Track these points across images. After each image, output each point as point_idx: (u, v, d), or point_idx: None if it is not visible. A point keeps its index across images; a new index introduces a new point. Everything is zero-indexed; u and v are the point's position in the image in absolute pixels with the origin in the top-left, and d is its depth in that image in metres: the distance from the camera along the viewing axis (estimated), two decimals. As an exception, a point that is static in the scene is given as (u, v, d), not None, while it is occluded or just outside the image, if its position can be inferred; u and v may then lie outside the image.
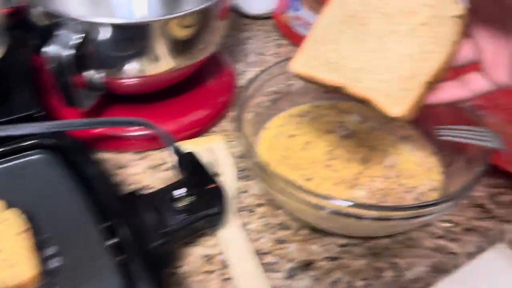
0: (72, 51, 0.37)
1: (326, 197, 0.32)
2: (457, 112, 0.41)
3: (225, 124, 0.51)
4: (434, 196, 0.39)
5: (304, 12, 0.60)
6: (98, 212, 0.33)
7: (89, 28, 0.38)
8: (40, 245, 0.31)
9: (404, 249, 0.38)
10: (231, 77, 0.55)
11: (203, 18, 0.43)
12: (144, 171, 0.44)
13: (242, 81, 0.57)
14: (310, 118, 0.47)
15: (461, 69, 0.33)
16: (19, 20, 0.41)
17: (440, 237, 0.39)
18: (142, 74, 0.44)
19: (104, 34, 0.39)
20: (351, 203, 0.32)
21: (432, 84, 0.32)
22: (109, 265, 0.30)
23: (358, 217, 0.32)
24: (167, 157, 0.45)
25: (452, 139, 0.36)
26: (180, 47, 0.44)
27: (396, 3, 0.32)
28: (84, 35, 0.38)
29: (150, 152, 0.46)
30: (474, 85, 0.32)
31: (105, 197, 0.34)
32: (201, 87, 0.53)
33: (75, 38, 0.38)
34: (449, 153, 0.41)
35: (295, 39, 0.64)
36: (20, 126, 0.38)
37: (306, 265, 0.37)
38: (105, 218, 0.33)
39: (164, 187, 0.35)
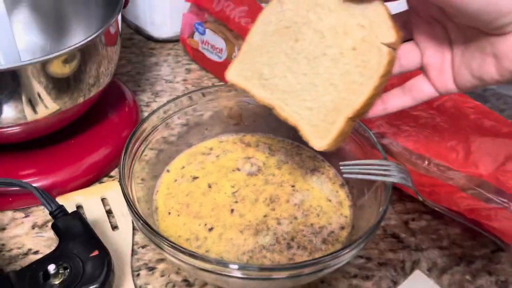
0: None
1: (218, 262, 0.28)
2: (362, 142, 0.40)
3: (126, 166, 0.46)
4: (344, 234, 0.37)
5: (209, 36, 0.57)
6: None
7: None
8: None
9: (317, 295, 0.36)
10: (133, 108, 0.51)
11: (86, 51, 0.39)
12: (28, 231, 0.39)
13: (146, 113, 0.53)
14: (214, 155, 0.43)
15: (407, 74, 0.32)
16: None
17: (354, 276, 0.38)
18: (20, 121, 0.39)
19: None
20: (237, 266, 0.28)
21: (356, 119, 0.31)
22: None
23: (265, 279, 0.29)
24: (56, 212, 0.40)
25: (354, 176, 0.35)
26: (62, 86, 0.39)
27: (331, 20, 0.30)
28: None
29: (36, 208, 0.41)
30: (418, 92, 0.31)
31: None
32: (100, 124, 0.48)
33: None
34: (357, 184, 0.40)
35: (204, 63, 0.61)
36: None
37: (211, 328, 0.33)
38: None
39: (37, 260, 0.30)
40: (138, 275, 0.36)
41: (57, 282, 0.29)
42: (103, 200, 0.41)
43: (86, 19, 0.50)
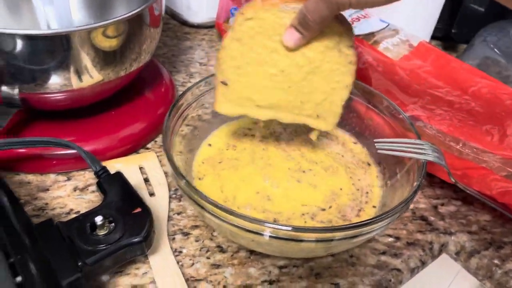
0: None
1: (253, 220, 0.30)
2: (396, 124, 0.40)
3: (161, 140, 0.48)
4: (375, 211, 0.38)
5: (246, 21, 0.58)
6: (3, 247, 0.29)
7: (1, 40, 0.35)
8: None
9: (346, 267, 0.37)
10: (170, 88, 0.53)
11: (132, 26, 0.41)
12: (70, 193, 0.41)
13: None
14: (250, 134, 0.44)
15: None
16: None
17: (383, 253, 0.38)
18: (65, 88, 0.40)
19: (18, 46, 0.36)
20: (289, 228, 0.29)
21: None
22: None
23: (297, 240, 0.30)
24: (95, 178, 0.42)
25: (389, 153, 0.35)
26: (107, 58, 0.41)
27: (286, 60, 0.35)
28: (-7, 47, 0.34)
29: (78, 173, 0.43)
30: None
31: (13, 229, 0.30)
32: (137, 100, 0.50)
33: (-18, 50, 0.34)
34: (389, 165, 0.40)
35: (239, 49, 0.62)
36: None
37: (243, 291, 0.34)
38: (13, 253, 0.29)
39: (84, 213, 0.32)
40: (174, 239, 0.37)
41: (102, 233, 0.31)
42: (140, 169, 0.43)
43: (127, 2, 0.52)
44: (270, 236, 0.30)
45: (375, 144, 0.36)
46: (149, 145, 0.47)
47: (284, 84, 0.36)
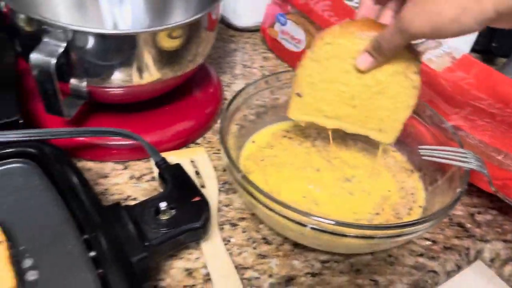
0: (57, 59, 0.37)
1: (308, 214, 0.32)
2: (438, 133, 0.42)
3: (210, 136, 0.51)
4: (416, 214, 0.40)
5: (290, 27, 0.61)
6: (78, 223, 0.32)
7: (75, 37, 0.38)
8: (15, 258, 0.30)
9: (385, 266, 0.39)
10: (218, 89, 0.55)
11: (192, 30, 0.43)
12: (127, 181, 0.44)
13: (228, 93, 0.57)
14: (288, 137, 0.47)
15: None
16: (5, 24, 0.40)
17: (420, 255, 0.40)
18: (127, 84, 0.44)
19: (90, 43, 0.39)
20: (333, 221, 0.32)
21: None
22: (88, 279, 0.29)
23: (341, 235, 0.33)
24: (150, 168, 0.45)
25: (433, 159, 0.37)
26: (167, 58, 0.43)
27: (356, 80, 0.38)
28: (69, 43, 0.38)
29: (133, 162, 0.46)
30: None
31: (86, 208, 0.33)
32: (187, 98, 0.53)
33: (60, 46, 0.37)
34: (430, 171, 0.42)
35: (281, 53, 0.65)
36: (1, 133, 0.37)
37: (287, 281, 0.37)
38: (85, 230, 0.32)
39: (148, 198, 0.35)
40: (222, 229, 0.40)
41: (165, 218, 0.34)
42: (191, 162, 0.46)
43: (185, 8, 0.55)
44: (316, 229, 0.32)
45: (419, 151, 0.38)
46: (198, 141, 0.50)
47: (352, 101, 0.39)
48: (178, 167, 0.38)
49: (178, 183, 0.37)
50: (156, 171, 0.41)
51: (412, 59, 0.37)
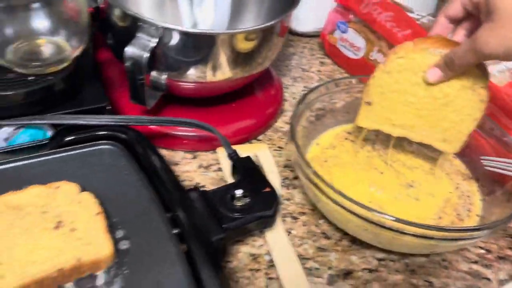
0: (149, 53, 0.40)
1: (371, 209, 0.34)
2: (499, 146, 0.43)
3: (271, 133, 0.54)
4: (473, 221, 0.41)
5: (351, 34, 0.63)
6: (162, 202, 0.36)
7: (164, 33, 0.41)
8: (110, 228, 0.33)
9: (439, 269, 0.40)
10: (279, 90, 0.58)
11: (265, 34, 0.46)
12: (196, 169, 0.47)
13: (287, 94, 0.60)
14: (349, 140, 0.49)
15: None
16: (100, 18, 0.44)
17: (474, 262, 0.41)
18: (201, 80, 0.47)
19: (176, 40, 0.42)
20: (393, 218, 0.34)
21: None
22: (172, 252, 0.32)
23: (403, 233, 0.35)
24: (217, 159, 0.48)
25: (497, 170, 0.39)
26: (239, 59, 0.46)
27: (424, 92, 0.41)
28: (159, 39, 0.41)
29: (201, 153, 0.49)
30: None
31: (169, 189, 0.36)
32: (251, 98, 0.56)
33: (152, 41, 0.41)
34: (487, 182, 0.43)
35: (339, 59, 0.67)
36: (92, 117, 0.41)
37: (346, 274, 0.39)
38: (168, 208, 0.35)
39: (224, 186, 0.38)
40: (284, 221, 0.43)
41: (239, 204, 0.37)
42: (255, 157, 0.48)
43: (257, 13, 0.58)
44: (381, 226, 0.35)
45: (482, 161, 0.40)
46: (260, 137, 0.53)
47: (419, 111, 0.41)
48: (248, 159, 0.41)
49: (249, 174, 0.40)
50: (224, 163, 0.45)
51: (480, 75, 0.38)
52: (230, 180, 0.44)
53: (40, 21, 0.40)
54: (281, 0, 0.53)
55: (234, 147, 0.49)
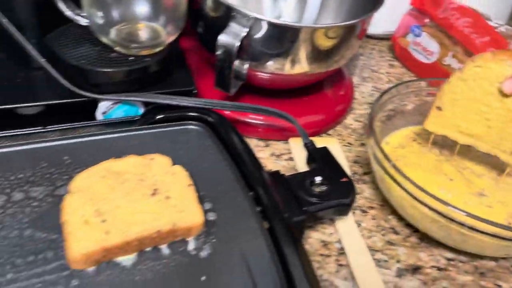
0: (239, 42, 0.43)
1: (448, 204, 0.35)
2: None
3: (340, 129, 0.55)
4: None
5: (424, 39, 0.63)
6: (246, 182, 0.38)
7: (254, 24, 0.44)
8: (199, 200, 0.36)
9: (509, 274, 0.40)
10: (349, 89, 0.59)
11: (346, 33, 0.47)
12: (268, 157, 0.49)
13: (356, 93, 0.61)
14: (417, 142, 0.50)
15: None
16: (193, 8, 0.47)
17: (546, 271, 0.41)
18: (279, 72, 0.49)
19: (263, 31, 0.44)
20: (468, 213, 0.34)
21: None
22: (255, 227, 0.35)
23: (474, 229, 0.35)
24: (288, 149, 0.50)
25: None
26: (318, 55, 0.48)
27: (498, 103, 0.41)
28: (249, 29, 0.43)
29: (273, 142, 0.51)
30: None
31: (251, 170, 0.39)
32: (322, 93, 0.57)
33: (243, 31, 0.43)
34: None
35: (409, 63, 0.67)
36: (183, 98, 0.44)
37: (414, 269, 0.40)
38: (251, 188, 0.37)
39: (304, 172, 0.40)
40: (354, 213, 0.44)
41: (317, 190, 0.38)
42: (325, 149, 0.50)
43: (337, 12, 0.59)
44: (454, 220, 0.35)
45: None
46: (330, 132, 0.54)
47: (489, 122, 0.42)
48: (325, 150, 0.43)
49: (326, 163, 0.41)
50: (296, 153, 0.46)
51: None
52: (302, 169, 0.46)
53: (142, 7, 0.43)
54: (361, 2, 0.55)
55: (297, 140, 0.51)
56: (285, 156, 0.50)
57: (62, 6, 0.42)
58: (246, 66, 0.48)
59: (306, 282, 0.31)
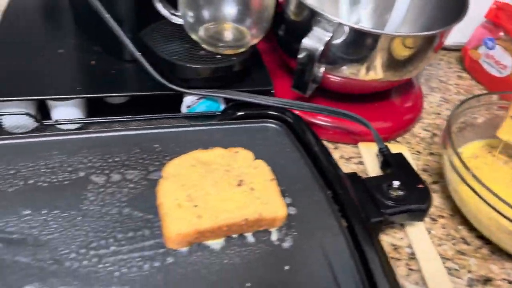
0: (323, 46, 0.44)
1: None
2: None
3: (409, 137, 0.55)
4: None
5: (498, 52, 0.62)
6: (324, 180, 0.39)
7: (337, 29, 0.45)
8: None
9: None
10: (419, 98, 0.60)
11: (425, 44, 0.48)
12: (337, 160, 0.50)
13: (425, 103, 0.61)
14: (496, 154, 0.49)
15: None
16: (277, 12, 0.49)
17: None
18: (353, 77, 0.50)
19: (344, 36, 0.45)
20: None
21: None
22: (334, 225, 0.36)
23: None
24: (358, 152, 0.51)
25: None
26: (395, 63, 0.48)
27: None
28: (332, 34, 0.45)
29: (341, 145, 0.52)
30: None
31: (329, 170, 0.40)
32: (390, 101, 0.58)
33: (326, 35, 0.45)
34: None
35: (479, 75, 0.66)
36: (263, 97, 0.46)
37: (486, 281, 0.40)
38: (329, 186, 0.39)
39: (381, 175, 0.41)
40: (424, 220, 0.44)
41: (394, 194, 0.39)
42: (395, 156, 0.51)
43: (414, 22, 0.59)
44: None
45: None
46: (398, 139, 0.55)
47: None
48: (401, 156, 0.44)
49: (401, 169, 0.42)
50: (366, 157, 0.47)
51: None
52: (372, 174, 0.47)
53: (231, 9, 0.46)
54: (439, 15, 0.55)
55: (367, 144, 0.52)
56: (355, 160, 0.51)
57: (159, 6, 0.45)
58: (322, 69, 0.50)
59: (386, 281, 0.32)
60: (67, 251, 0.32)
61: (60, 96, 0.43)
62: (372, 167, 0.48)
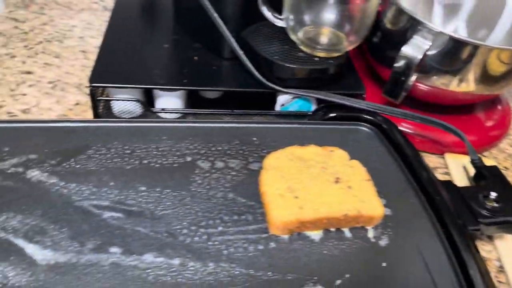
0: (422, 55, 0.45)
1: None
2: None
3: (496, 153, 0.54)
4: None
5: None
6: (417, 184, 0.40)
7: (436, 37, 0.45)
8: (374, 194, 0.39)
9: None
10: (508, 114, 0.58)
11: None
12: (428, 169, 0.50)
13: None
14: None
15: None
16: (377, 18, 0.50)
17: None
18: (443, 87, 0.50)
19: (443, 45, 0.46)
20: None
21: None
22: (429, 227, 0.37)
23: None
24: (444, 163, 0.51)
25: None
26: (488, 77, 0.48)
27: None
28: (431, 43, 0.45)
29: (427, 154, 0.52)
30: None
31: (423, 175, 0.40)
32: (475, 114, 0.57)
33: (426, 44, 0.45)
34: None
35: None
36: (356, 100, 0.47)
37: None
38: (423, 191, 0.39)
39: (476, 186, 0.41)
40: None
41: (491, 205, 0.39)
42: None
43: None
44: None
45: None
46: (485, 153, 0.54)
47: None
48: (496, 168, 0.43)
49: (497, 181, 0.42)
50: (453, 168, 0.47)
51: None
52: (460, 184, 0.46)
53: (331, 15, 0.48)
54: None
55: (454, 155, 0.51)
56: (441, 170, 0.50)
57: (264, 9, 0.48)
58: (413, 78, 0.50)
59: (486, 288, 0.32)
60: (180, 226, 0.34)
61: (169, 87, 0.46)
62: (459, 178, 0.48)
